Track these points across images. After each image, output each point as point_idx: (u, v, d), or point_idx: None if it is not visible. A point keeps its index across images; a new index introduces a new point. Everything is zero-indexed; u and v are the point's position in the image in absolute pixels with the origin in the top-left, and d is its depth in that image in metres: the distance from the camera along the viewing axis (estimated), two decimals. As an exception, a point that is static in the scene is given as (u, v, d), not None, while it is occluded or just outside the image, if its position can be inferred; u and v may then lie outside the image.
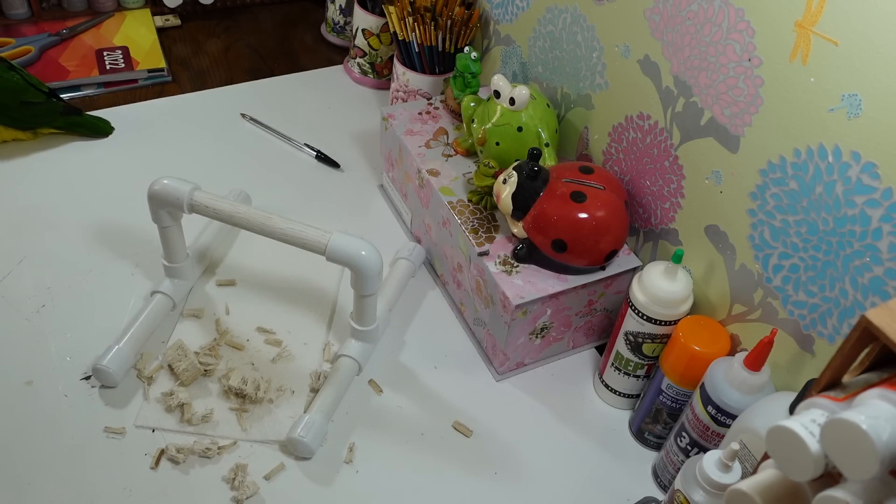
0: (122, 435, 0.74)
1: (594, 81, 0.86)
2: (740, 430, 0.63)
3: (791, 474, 0.43)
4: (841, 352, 0.43)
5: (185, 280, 0.85)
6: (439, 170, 0.89)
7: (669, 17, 0.73)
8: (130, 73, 1.13)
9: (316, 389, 0.79)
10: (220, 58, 1.22)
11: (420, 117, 0.96)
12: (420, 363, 0.84)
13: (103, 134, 1.04)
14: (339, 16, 1.25)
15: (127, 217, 0.93)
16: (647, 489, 0.77)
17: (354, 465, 0.75)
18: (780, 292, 0.68)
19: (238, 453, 0.74)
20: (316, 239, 0.71)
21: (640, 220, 0.84)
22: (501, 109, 0.84)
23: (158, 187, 0.74)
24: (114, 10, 1.23)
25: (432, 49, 1.02)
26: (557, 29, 0.90)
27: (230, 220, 0.74)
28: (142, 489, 0.70)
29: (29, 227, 0.91)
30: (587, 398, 0.84)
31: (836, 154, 0.60)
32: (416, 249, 0.92)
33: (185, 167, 1.01)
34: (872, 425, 0.37)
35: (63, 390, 0.76)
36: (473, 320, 0.86)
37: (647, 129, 0.79)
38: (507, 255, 0.80)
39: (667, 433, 0.76)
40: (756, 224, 0.69)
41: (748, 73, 0.66)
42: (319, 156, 1.06)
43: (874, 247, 0.59)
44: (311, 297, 0.89)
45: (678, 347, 0.70)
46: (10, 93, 0.94)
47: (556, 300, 0.78)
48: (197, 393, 0.77)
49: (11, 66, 0.96)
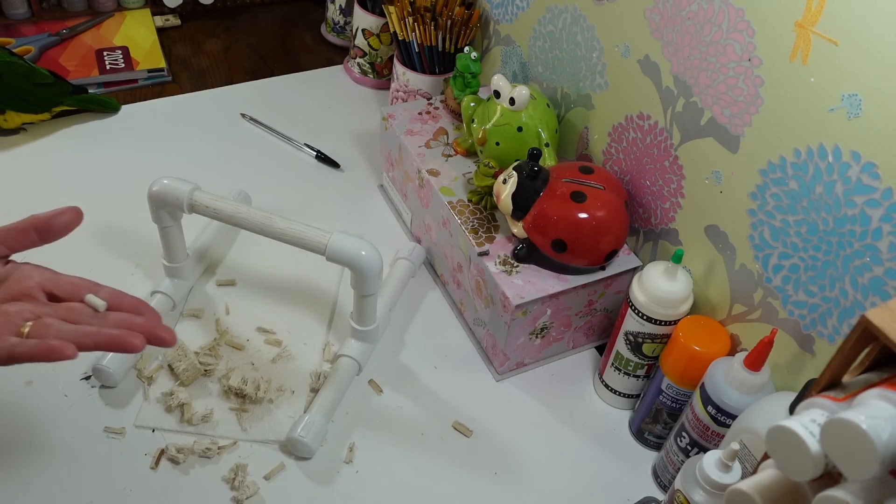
0: (122, 435, 0.74)
1: (594, 81, 0.86)
2: (740, 430, 0.63)
3: (791, 474, 0.43)
4: (841, 352, 0.43)
5: (185, 280, 0.85)
6: (439, 170, 0.89)
7: (669, 17, 0.73)
8: (130, 73, 1.13)
9: (316, 389, 0.79)
10: (220, 58, 1.22)
11: (420, 117, 0.96)
12: (420, 363, 0.84)
13: (113, 110, 1.07)
14: (339, 16, 1.25)
15: (127, 217, 0.93)
16: (647, 489, 0.77)
17: (354, 465, 0.75)
18: (780, 292, 0.68)
19: (238, 453, 0.74)
20: (316, 239, 0.71)
21: (640, 220, 0.84)
22: (501, 109, 0.84)
23: (158, 187, 0.74)
24: (114, 10, 1.23)
25: (432, 49, 1.02)
26: (557, 29, 0.90)
27: (230, 220, 0.74)
28: (142, 489, 0.70)
29: (29, 227, 0.91)
30: (587, 398, 0.84)
31: (836, 154, 0.60)
32: (416, 249, 0.92)
33: (185, 167, 1.01)
34: (872, 425, 0.37)
35: (63, 390, 0.76)
36: (473, 320, 0.86)
37: (647, 129, 0.79)
38: (507, 255, 0.80)
39: (667, 433, 0.76)
40: (756, 224, 0.69)
41: (748, 73, 0.66)
42: (319, 156, 1.06)
43: (874, 247, 0.59)
44: (311, 297, 0.89)
45: (678, 347, 0.70)
46: (24, 76, 0.96)
47: (556, 300, 0.78)
48: (197, 393, 0.77)
49: (12, 52, 0.97)
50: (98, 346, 0.55)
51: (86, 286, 0.59)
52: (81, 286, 0.59)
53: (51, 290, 0.58)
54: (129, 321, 0.57)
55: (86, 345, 0.54)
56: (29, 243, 0.60)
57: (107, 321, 0.57)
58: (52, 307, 0.57)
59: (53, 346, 0.52)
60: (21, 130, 1.02)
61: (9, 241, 0.59)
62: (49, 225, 0.60)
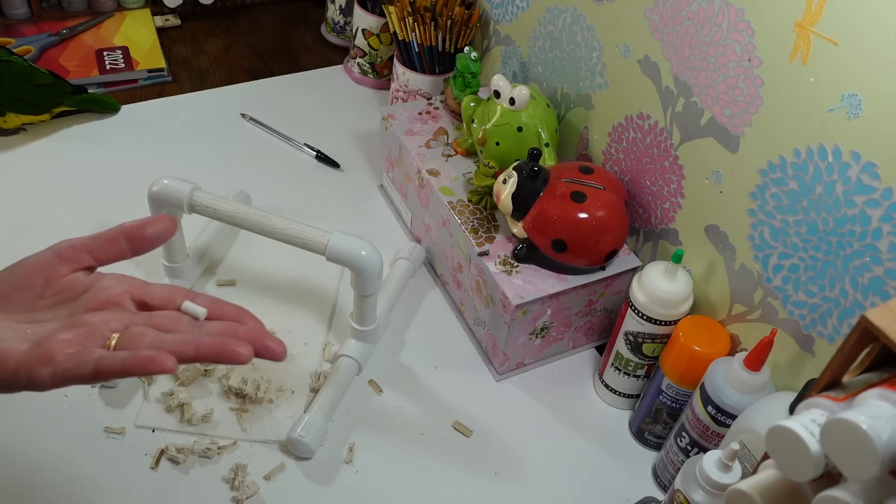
0: (122, 435, 0.74)
1: (594, 81, 0.86)
2: (740, 430, 0.63)
3: (791, 474, 0.43)
4: (841, 352, 0.43)
5: (185, 280, 0.85)
6: (439, 170, 0.89)
7: (669, 17, 0.73)
8: (130, 73, 1.13)
9: (316, 389, 0.79)
10: (220, 58, 1.22)
11: (420, 117, 0.96)
12: (420, 363, 0.84)
13: (113, 110, 1.07)
14: (339, 16, 1.25)
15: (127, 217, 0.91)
16: (647, 489, 0.77)
17: (354, 465, 0.75)
18: (780, 292, 0.68)
19: (238, 453, 0.74)
20: (316, 239, 0.71)
21: (640, 220, 0.84)
22: (501, 109, 0.84)
23: (158, 187, 0.74)
24: (114, 10, 1.23)
25: (432, 49, 1.02)
26: (557, 29, 0.90)
27: (230, 220, 0.74)
28: (142, 489, 0.70)
29: (29, 227, 0.91)
30: (587, 398, 0.84)
31: (836, 154, 0.60)
32: (416, 249, 0.92)
33: (185, 167, 1.01)
34: (872, 425, 0.37)
35: (63, 390, 0.76)
36: (473, 320, 0.86)
37: (647, 129, 0.79)
38: (507, 255, 0.80)
39: (667, 433, 0.76)
40: (756, 224, 0.69)
41: (748, 73, 0.66)
42: (319, 156, 1.06)
43: (874, 247, 0.59)
44: (311, 297, 0.89)
45: (678, 347, 0.70)
46: (23, 77, 0.95)
47: (556, 300, 0.78)
48: (197, 393, 0.77)
49: (11, 52, 0.97)
50: (200, 357, 0.48)
51: (181, 293, 0.53)
52: (176, 293, 0.53)
53: (140, 299, 0.52)
54: (233, 330, 0.50)
55: (186, 355, 0.48)
56: (118, 254, 0.54)
57: (207, 330, 0.50)
58: (144, 316, 0.51)
59: (149, 357, 0.46)
60: (21, 131, 1.02)
61: (96, 251, 0.53)
62: (142, 233, 0.54)
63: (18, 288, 0.51)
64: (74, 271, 0.52)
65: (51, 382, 0.46)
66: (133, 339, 0.49)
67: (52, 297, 0.51)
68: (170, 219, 0.55)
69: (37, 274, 0.51)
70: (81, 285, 0.52)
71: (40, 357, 0.46)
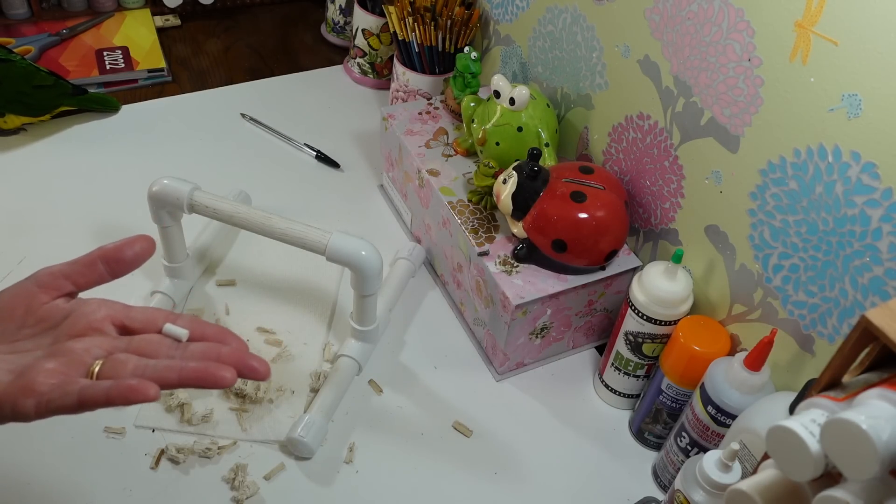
0: (122, 435, 0.74)
1: (594, 81, 0.86)
2: (740, 430, 0.63)
3: (791, 474, 0.43)
4: (841, 352, 0.43)
5: (185, 280, 0.85)
6: (439, 170, 0.89)
7: (669, 17, 0.73)
8: (130, 73, 1.13)
9: (316, 389, 0.79)
10: (220, 58, 1.22)
11: (420, 117, 0.96)
12: (420, 363, 0.84)
13: (113, 110, 1.07)
14: (339, 16, 1.25)
15: (127, 217, 0.93)
16: (647, 489, 0.77)
17: (354, 465, 0.75)
18: (780, 292, 0.68)
19: (238, 453, 0.74)
20: (316, 239, 0.71)
21: (640, 220, 0.84)
22: (501, 109, 0.84)
23: (158, 187, 0.74)
24: (114, 10, 1.23)
25: (432, 49, 1.02)
26: (557, 29, 0.90)
27: (230, 220, 0.74)
28: (142, 489, 0.70)
29: (29, 227, 0.91)
30: (587, 398, 0.84)
31: (836, 154, 0.60)
32: (416, 249, 0.92)
33: (185, 167, 1.01)
34: (872, 425, 0.37)
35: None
36: (473, 320, 0.86)
37: (647, 129, 0.79)
38: (507, 255, 0.80)
39: (667, 433, 0.76)
40: (756, 224, 0.69)
41: (748, 73, 0.66)
42: (319, 156, 1.06)
43: (874, 247, 0.59)
44: (311, 297, 0.89)
45: (678, 347, 0.70)
46: (24, 78, 0.95)
47: (556, 300, 0.78)
48: (197, 393, 0.77)
49: (11, 52, 0.97)
50: (183, 383, 0.48)
51: (162, 316, 0.53)
52: (157, 315, 0.53)
53: (122, 323, 0.52)
54: (215, 351, 0.50)
55: (169, 381, 0.47)
56: (97, 278, 0.53)
57: (190, 353, 0.50)
58: (125, 341, 0.51)
59: (132, 387, 0.45)
60: (21, 131, 1.02)
61: (74, 277, 0.53)
62: (119, 256, 0.53)
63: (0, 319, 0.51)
64: (54, 298, 0.52)
65: (35, 413, 0.46)
66: (116, 366, 0.48)
67: (33, 326, 0.51)
68: (147, 238, 0.55)
69: (17, 304, 0.51)
70: (62, 312, 0.52)
71: (23, 388, 0.46)
